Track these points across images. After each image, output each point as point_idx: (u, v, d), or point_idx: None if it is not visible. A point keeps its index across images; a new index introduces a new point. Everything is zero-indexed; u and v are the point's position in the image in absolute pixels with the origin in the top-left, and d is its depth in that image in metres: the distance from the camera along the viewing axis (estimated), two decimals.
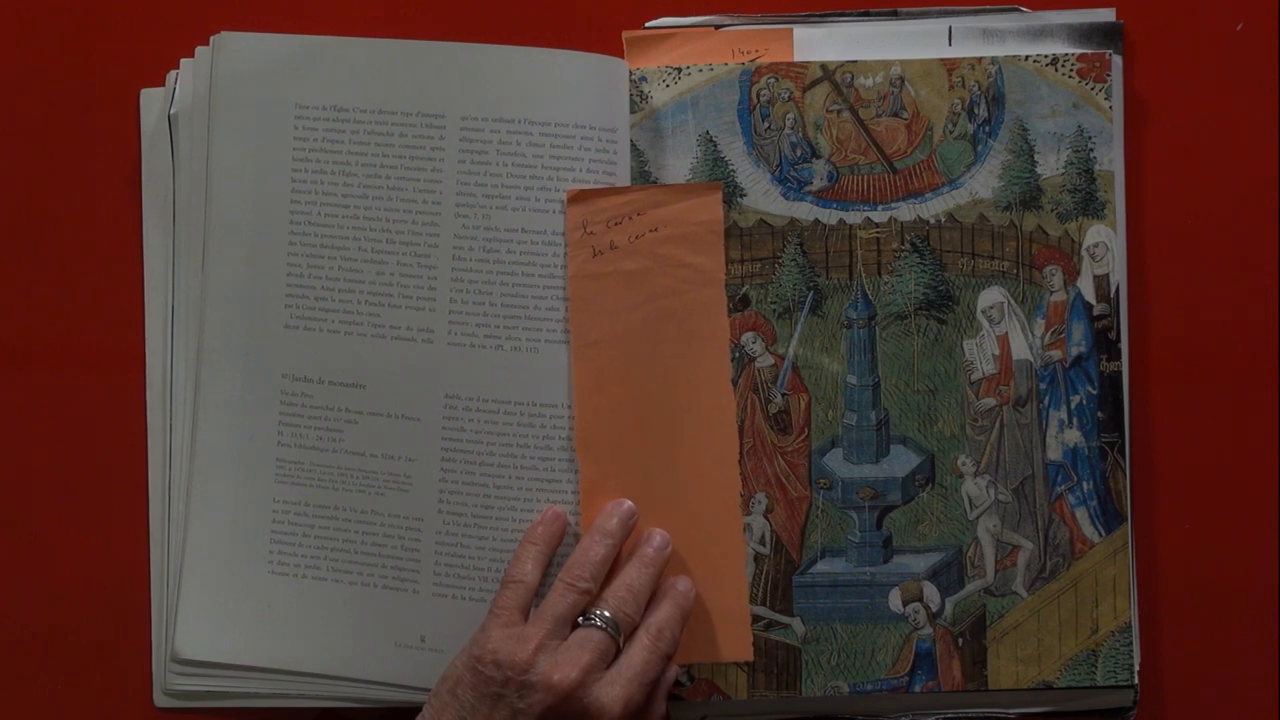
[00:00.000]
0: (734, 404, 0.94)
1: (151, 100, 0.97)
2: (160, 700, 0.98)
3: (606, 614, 0.90)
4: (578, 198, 0.92)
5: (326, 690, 0.96)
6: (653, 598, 0.92)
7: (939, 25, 0.94)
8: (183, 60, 0.95)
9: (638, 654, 0.90)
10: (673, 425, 0.93)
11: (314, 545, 0.96)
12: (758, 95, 0.94)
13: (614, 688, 0.88)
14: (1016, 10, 0.94)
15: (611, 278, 0.93)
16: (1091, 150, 0.94)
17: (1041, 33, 0.94)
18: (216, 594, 0.96)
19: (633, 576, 0.91)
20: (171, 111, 0.96)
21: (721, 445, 0.94)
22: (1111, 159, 0.94)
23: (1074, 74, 0.93)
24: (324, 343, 0.95)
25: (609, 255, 0.93)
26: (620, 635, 0.90)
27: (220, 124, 0.95)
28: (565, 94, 0.92)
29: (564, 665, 0.87)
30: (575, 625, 0.90)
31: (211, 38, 0.94)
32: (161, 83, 0.97)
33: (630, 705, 0.88)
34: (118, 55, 0.97)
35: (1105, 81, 0.94)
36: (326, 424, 0.95)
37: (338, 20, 0.97)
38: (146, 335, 0.98)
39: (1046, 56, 0.93)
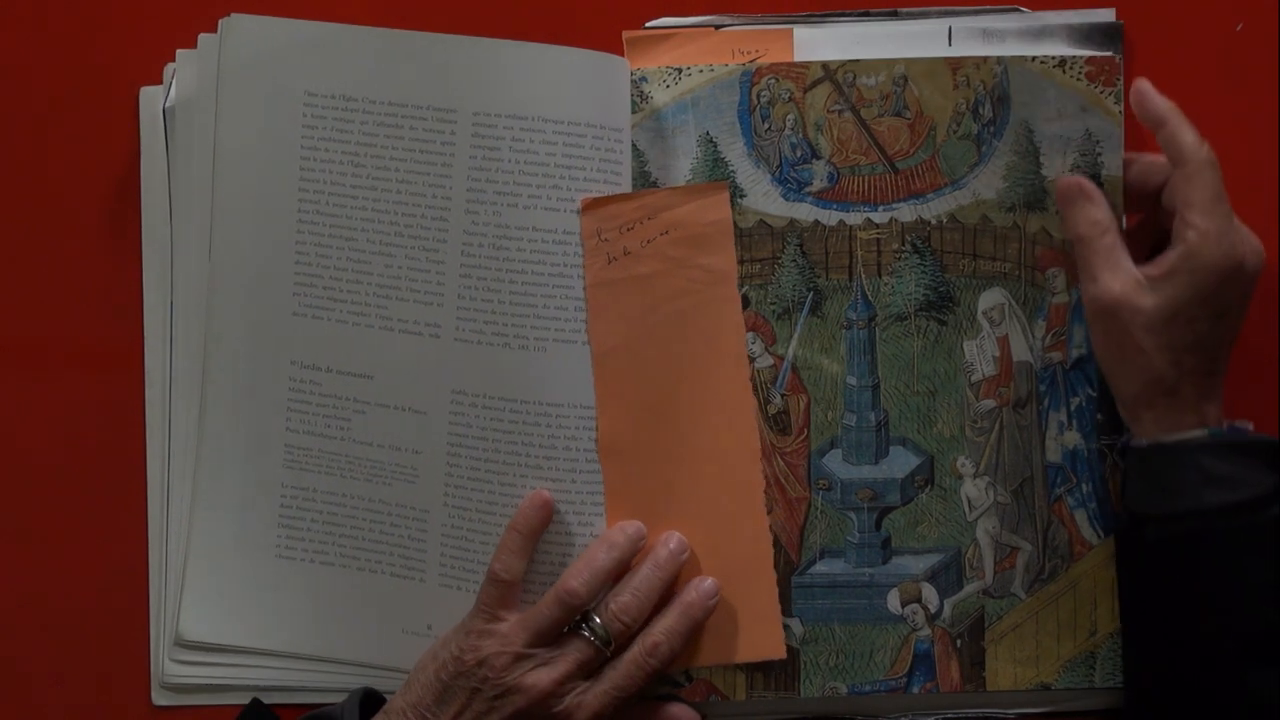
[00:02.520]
0: (752, 401, 0.94)
1: (150, 98, 0.96)
2: (158, 698, 0.98)
3: (598, 622, 0.90)
4: (591, 205, 0.92)
5: (327, 682, 0.97)
6: (668, 601, 0.92)
7: (939, 25, 0.94)
8: (179, 51, 0.95)
9: (623, 668, 0.90)
10: (693, 426, 0.94)
11: (321, 531, 0.96)
12: (758, 96, 0.94)
13: (588, 697, 0.90)
14: (1016, 10, 0.94)
15: (626, 283, 0.93)
16: (1099, 155, 0.93)
17: (1041, 33, 0.93)
18: (222, 577, 0.97)
19: (640, 580, 0.92)
20: (166, 105, 0.96)
21: (742, 442, 0.94)
22: (1119, 164, 0.93)
23: (1082, 76, 0.93)
24: (332, 332, 0.95)
25: (623, 261, 0.93)
26: (610, 645, 0.90)
27: (228, 108, 0.95)
28: (577, 92, 0.92)
29: (540, 673, 0.89)
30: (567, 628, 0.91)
31: (220, 21, 0.94)
32: (161, 80, 0.96)
33: (600, 717, 0.90)
34: (117, 53, 0.98)
35: (1114, 85, 0.92)
36: (335, 412, 0.95)
37: (339, 9, 0.96)
38: (145, 330, 0.98)
39: (1054, 58, 0.93)
